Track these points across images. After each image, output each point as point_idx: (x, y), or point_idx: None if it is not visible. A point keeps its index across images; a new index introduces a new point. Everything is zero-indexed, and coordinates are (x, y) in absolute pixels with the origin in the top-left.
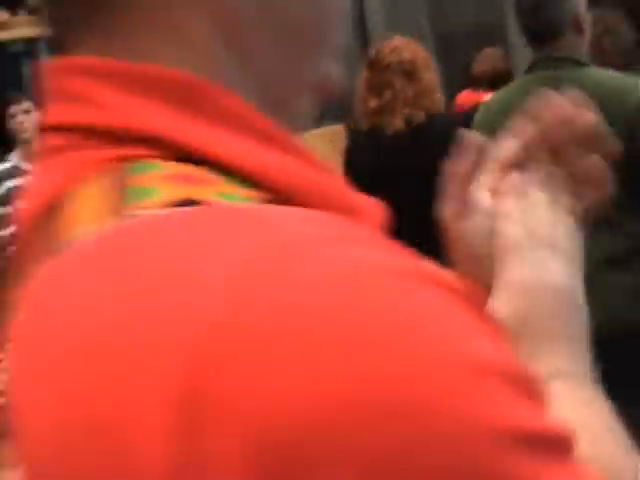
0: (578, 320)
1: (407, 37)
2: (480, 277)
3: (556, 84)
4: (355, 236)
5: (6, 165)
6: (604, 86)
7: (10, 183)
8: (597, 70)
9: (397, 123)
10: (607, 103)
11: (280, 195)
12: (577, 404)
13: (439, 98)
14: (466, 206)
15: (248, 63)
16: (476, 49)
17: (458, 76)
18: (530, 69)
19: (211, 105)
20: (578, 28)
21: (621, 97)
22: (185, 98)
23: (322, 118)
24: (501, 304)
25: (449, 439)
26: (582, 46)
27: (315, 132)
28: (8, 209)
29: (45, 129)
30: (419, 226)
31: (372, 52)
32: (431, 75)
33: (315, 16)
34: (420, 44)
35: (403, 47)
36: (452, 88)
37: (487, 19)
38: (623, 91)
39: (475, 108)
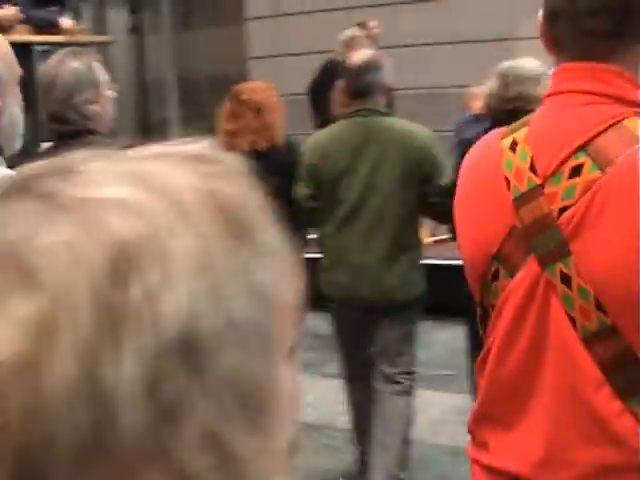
0: None
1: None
2: None
3: (366, 127)
4: None
5: None
6: (394, 129)
7: None
8: (393, 119)
9: (243, 146)
10: (398, 141)
11: None
12: None
13: (280, 133)
14: None
15: None
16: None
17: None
18: (350, 115)
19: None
20: (384, 90)
21: (408, 137)
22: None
23: None
24: None
25: None
26: (383, 102)
27: None
28: None
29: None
30: None
31: (236, 88)
32: (275, 115)
33: None
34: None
35: (259, 90)
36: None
37: (228, 69)
38: (409, 134)
39: None
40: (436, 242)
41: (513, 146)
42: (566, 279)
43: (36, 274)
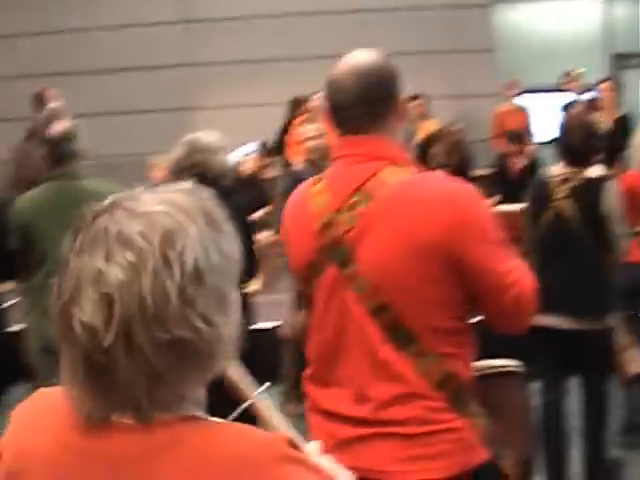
0: None
1: None
2: None
3: (66, 189)
4: None
5: None
6: (88, 190)
7: None
8: (88, 180)
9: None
10: (90, 200)
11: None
12: None
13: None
14: None
15: None
16: None
17: None
18: (50, 179)
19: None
20: (80, 156)
21: (98, 196)
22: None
23: None
24: None
25: None
26: (79, 167)
27: None
28: None
29: (349, 156)
30: None
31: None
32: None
33: None
34: None
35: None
36: None
37: None
38: (98, 194)
39: None
40: None
41: (318, 193)
42: (354, 274)
43: (129, 243)
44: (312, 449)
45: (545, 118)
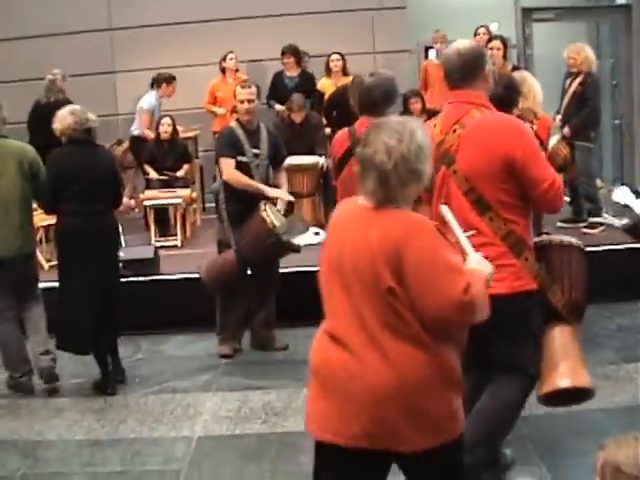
0: None
1: None
2: None
3: None
4: None
5: None
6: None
7: None
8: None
9: None
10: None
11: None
12: None
13: None
14: None
15: None
16: None
17: None
18: None
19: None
20: None
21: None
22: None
23: None
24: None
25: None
26: None
27: None
28: None
29: (455, 102)
30: None
31: None
32: None
33: None
34: None
35: None
36: None
37: None
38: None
39: None
40: None
41: (434, 125)
42: (455, 171)
43: (400, 134)
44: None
45: None
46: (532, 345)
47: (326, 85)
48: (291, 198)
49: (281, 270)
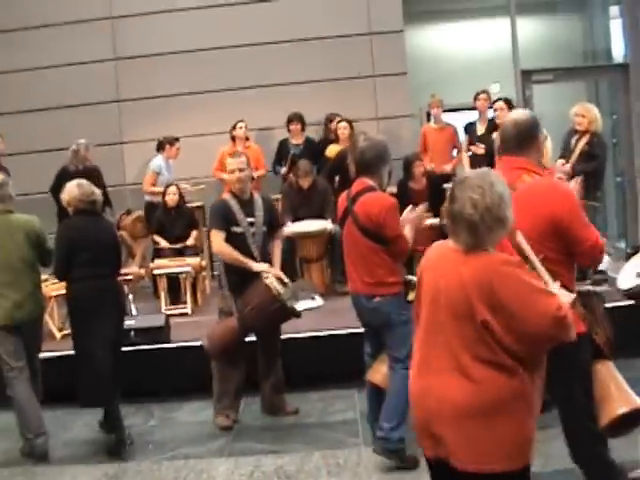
0: None
1: None
2: None
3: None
4: None
5: None
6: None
7: None
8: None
9: None
10: None
11: None
12: None
13: None
14: None
15: None
16: None
17: None
18: None
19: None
20: None
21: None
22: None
23: None
24: None
25: None
26: None
27: None
28: None
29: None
30: None
31: None
32: None
33: None
34: None
35: None
36: None
37: None
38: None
39: None
40: None
41: None
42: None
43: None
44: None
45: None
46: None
47: (334, 151)
48: (280, 273)
49: (291, 335)
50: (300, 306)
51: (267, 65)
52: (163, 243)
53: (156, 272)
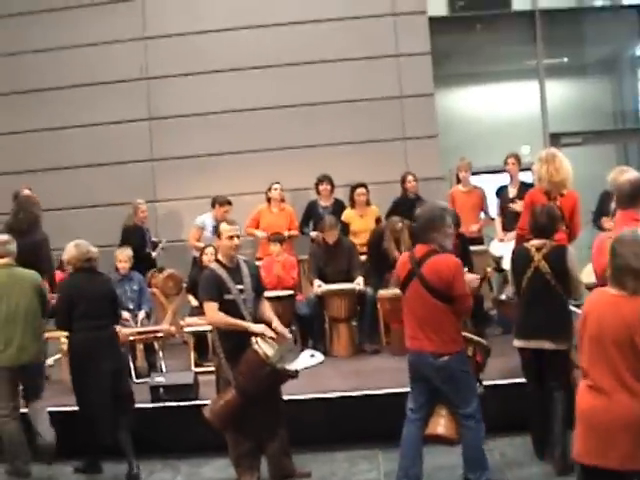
0: None
1: None
2: None
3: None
4: None
5: None
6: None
7: None
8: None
9: None
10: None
11: None
12: None
13: None
14: None
15: None
16: None
17: None
18: None
19: None
20: None
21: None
22: None
23: None
24: None
25: None
26: None
27: None
28: None
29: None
30: None
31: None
32: None
33: None
34: None
35: None
36: None
37: None
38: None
39: None
40: None
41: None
42: None
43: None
44: None
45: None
46: None
47: (350, 216)
48: (272, 334)
49: (295, 397)
50: (299, 365)
51: (299, 127)
52: (193, 302)
53: (186, 330)
